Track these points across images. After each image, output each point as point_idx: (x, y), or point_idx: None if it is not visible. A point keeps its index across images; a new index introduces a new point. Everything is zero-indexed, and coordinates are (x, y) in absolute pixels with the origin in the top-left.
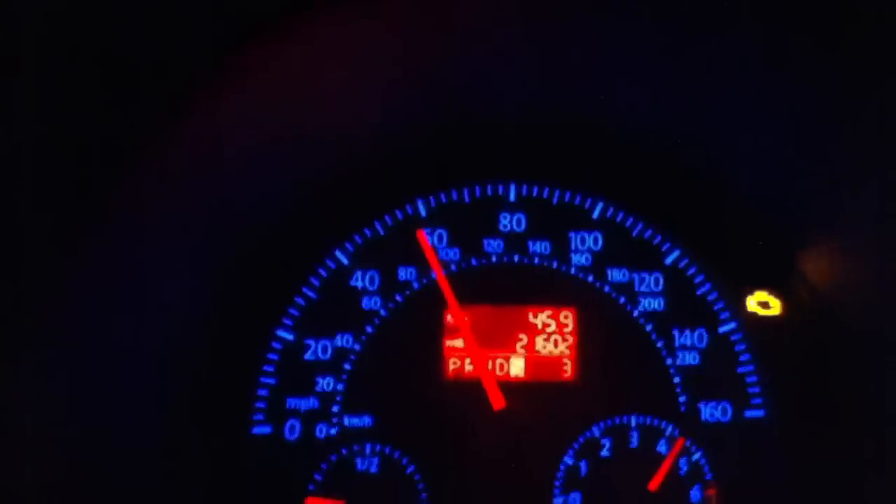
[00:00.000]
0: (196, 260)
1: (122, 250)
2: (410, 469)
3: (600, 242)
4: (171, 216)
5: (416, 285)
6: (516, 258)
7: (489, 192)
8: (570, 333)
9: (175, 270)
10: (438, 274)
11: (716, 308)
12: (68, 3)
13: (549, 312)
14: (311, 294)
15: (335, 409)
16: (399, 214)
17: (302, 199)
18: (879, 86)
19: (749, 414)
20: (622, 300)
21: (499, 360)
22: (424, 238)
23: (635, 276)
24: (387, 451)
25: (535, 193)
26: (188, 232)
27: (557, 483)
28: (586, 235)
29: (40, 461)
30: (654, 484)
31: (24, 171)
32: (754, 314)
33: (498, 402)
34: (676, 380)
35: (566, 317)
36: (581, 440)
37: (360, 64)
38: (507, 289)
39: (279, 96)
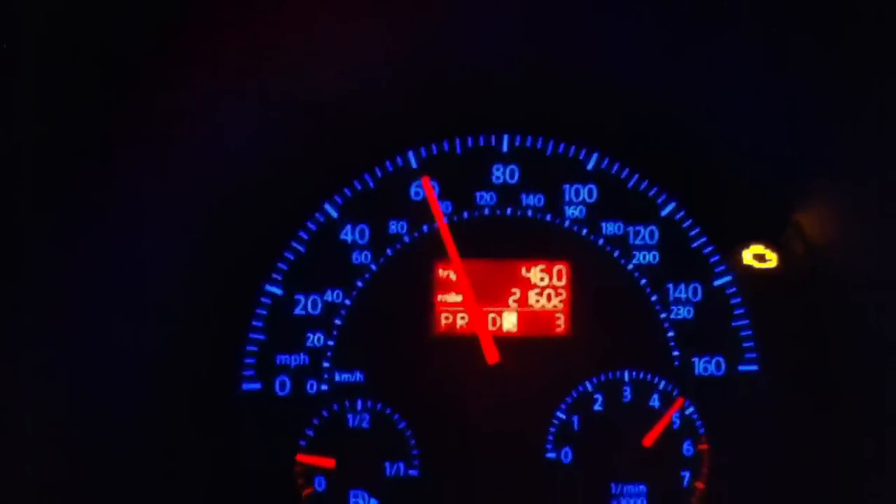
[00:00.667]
0: (183, 215)
1: (107, 207)
2: (402, 425)
3: (595, 195)
4: (157, 171)
5: (406, 239)
6: (509, 211)
7: (481, 143)
8: (564, 288)
9: (161, 226)
10: (441, 223)
11: (711, 261)
12: None
13: (542, 266)
14: (300, 248)
15: (325, 364)
16: (389, 166)
17: (291, 151)
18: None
19: (743, 368)
20: (616, 254)
21: (491, 315)
22: (429, 186)
23: (630, 229)
24: (378, 406)
25: (528, 144)
26: (174, 186)
27: (550, 438)
28: (581, 188)
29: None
30: (648, 440)
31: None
32: (750, 267)
33: (492, 356)
34: (670, 334)
35: (559, 271)
36: (574, 395)
37: (349, 14)
38: (500, 242)
39: (268, 49)
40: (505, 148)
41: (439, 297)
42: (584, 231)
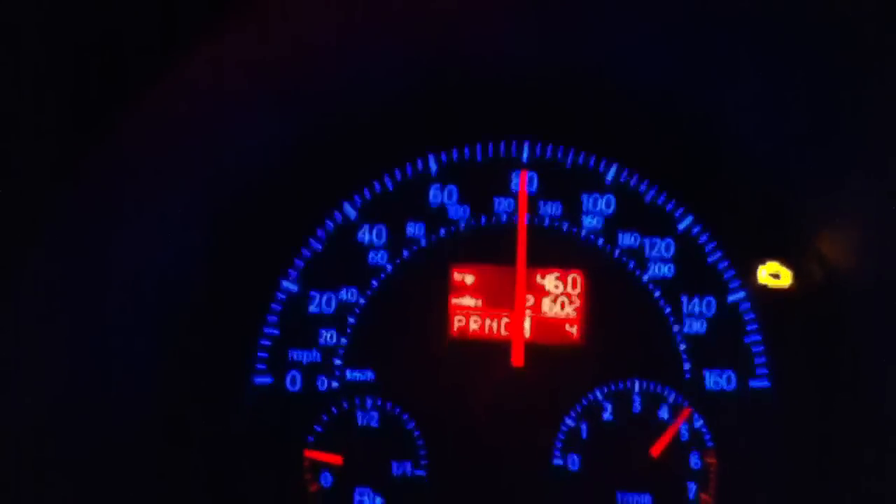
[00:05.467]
0: (202, 209)
1: (124, 198)
2: (410, 425)
3: (612, 206)
4: (175, 165)
5: (423, 242)
6: (527, 218)
7: (502, 150)
8: (578, 296)
9: (181, 220)
10: (522, 223)
11: (726, 277)
12: None
13: (557, 274)
14: (317, 246)
15: (337, 362)
16: (409, 170)
17: (312, 150)
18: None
19: (753, 384)
20: (631, 265)
21: (504, 320)
22: (525, 180)
23: (646, 241)
24: (387, 406)
25: (548, 154)
26: (193, 181)
27: (558, 444)
28: (598, 198)
29: (36, 410)
30: (656, 450)
31: (27, 111)
32: (764, 285)
33: (518, 359)
34: (682, 347)
35: (574, 279)
36: (583, 403)
37: (371, 15)
38: (516, 249)
39: (287, 47)
40: (525, 157)
41: (453, 301)
42: (601, 241)
